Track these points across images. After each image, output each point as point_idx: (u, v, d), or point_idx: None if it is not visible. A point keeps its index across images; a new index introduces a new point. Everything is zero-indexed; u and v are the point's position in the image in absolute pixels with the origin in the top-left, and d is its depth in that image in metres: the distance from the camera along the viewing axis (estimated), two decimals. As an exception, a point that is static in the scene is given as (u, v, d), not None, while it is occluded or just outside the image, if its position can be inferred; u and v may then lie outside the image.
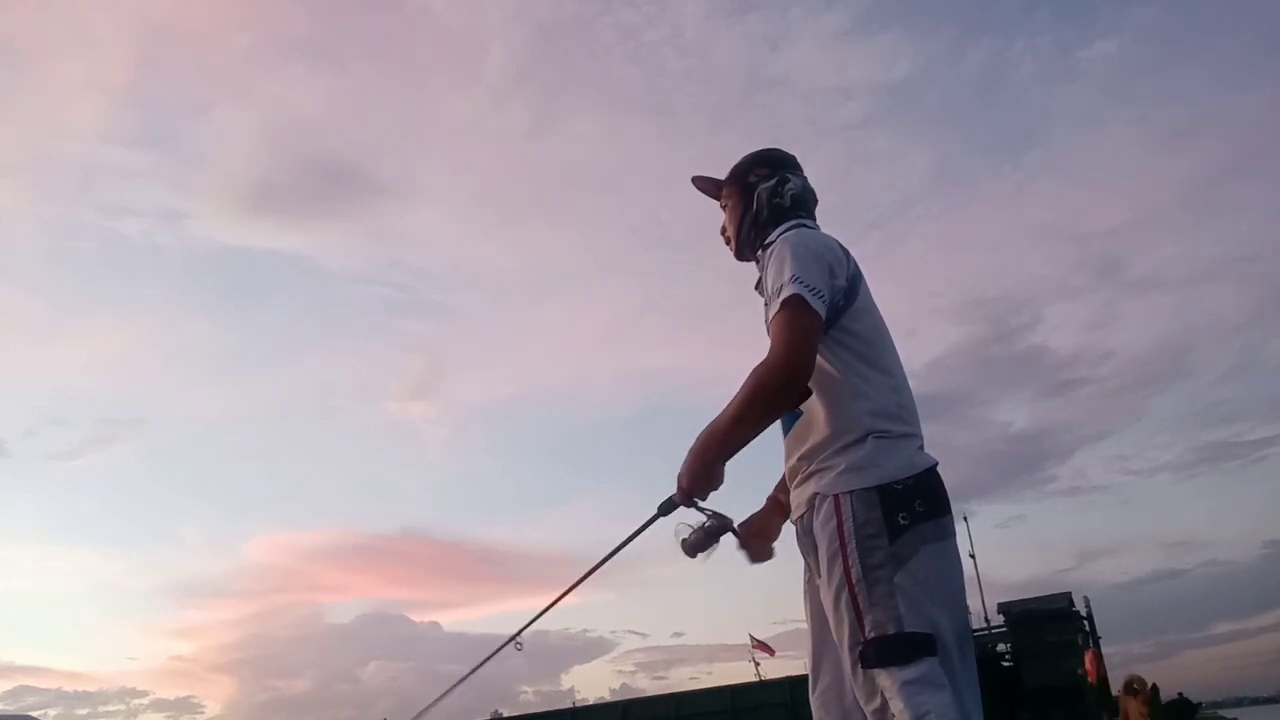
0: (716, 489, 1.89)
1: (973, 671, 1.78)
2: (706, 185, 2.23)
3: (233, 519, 71.61)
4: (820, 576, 1.83)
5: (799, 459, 1.92)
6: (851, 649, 1.73)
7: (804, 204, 2.13)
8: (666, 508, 1.96)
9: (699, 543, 1.97)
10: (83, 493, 67.12)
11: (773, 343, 1.80)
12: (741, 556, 2.08)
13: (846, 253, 1.98)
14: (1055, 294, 74.76)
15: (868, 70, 69.51)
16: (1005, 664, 17.74)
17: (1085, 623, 16.94)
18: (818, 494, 1.84)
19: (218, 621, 64.06)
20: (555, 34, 65.57)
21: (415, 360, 71.56)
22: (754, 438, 1.85)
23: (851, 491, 1.77)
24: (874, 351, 1.91)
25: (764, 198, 2.09)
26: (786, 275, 1.82)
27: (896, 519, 1.72)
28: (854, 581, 1.72)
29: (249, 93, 66.78)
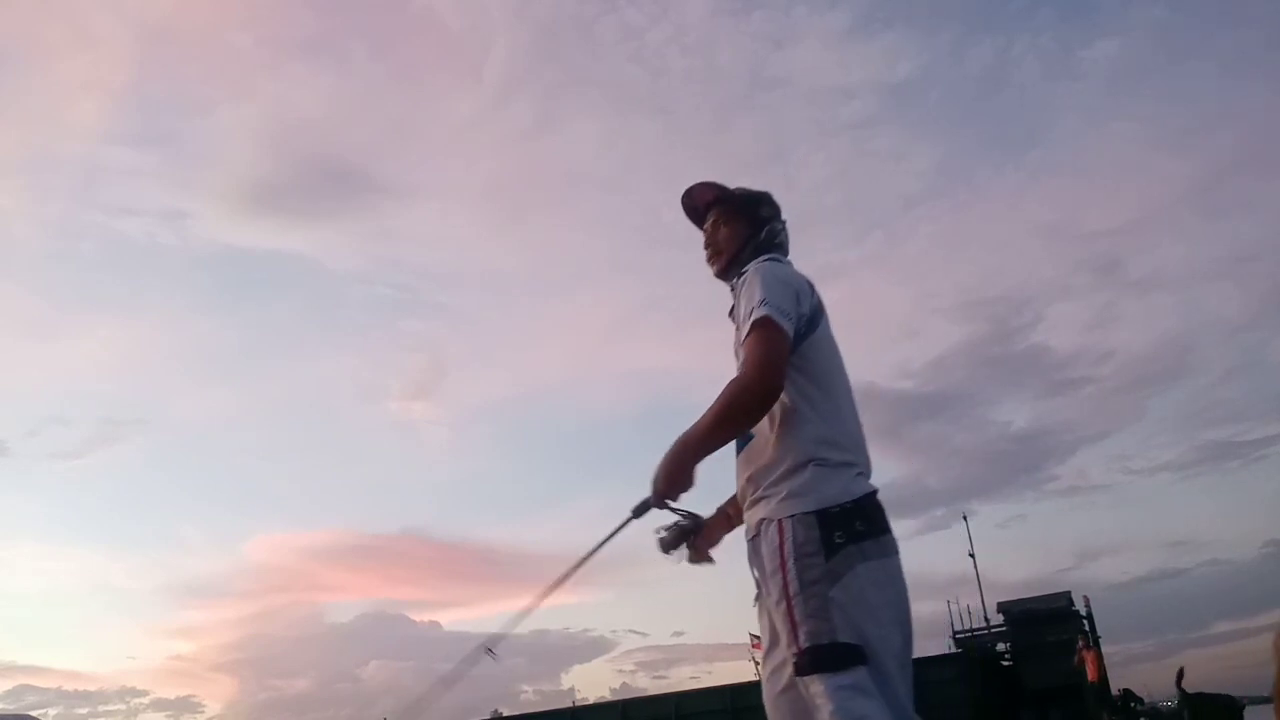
0: (688, 490, 2.02)
1: (909, 685, 1.87)
2: (704, 194, 2.34)
3: (233, 519, 71.71)
4: (766, 592, 1.96)
5: (747, 481, 2.06)
6: (790, 657, 1.86)
7: (786, 247, 2.31)
8: (640, 510, 2.08)
9: (674, 541, 2.13)
10: (84, 493, 67.21)
11: (745, 360, 1.93)
12: (690, 557, 2.19)
13: (811, 287, 2.13)
14: (1056, 294, 74.50)
15: (870, 70, 69.30)
16: (1005, 664, 17.75)
17: (1085, 622, 16.96)
18: (764, 519, 1.97)
19: (218, 621, 64.20)
20: (558, 33, 65.55)
21: (416, 360, 71.66)
22: (724, 445, 2.00)
23: (793, 516, 1.91)
24: (826, 381, 2.04)
25: (769, 233, 2.26)
26: (757, 299, 1.96)
27: (833, 538, 1.85)
28: (792, 595, 1.85)
29: (251, 92, 66.80)
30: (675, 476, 1.97)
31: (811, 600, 1.82)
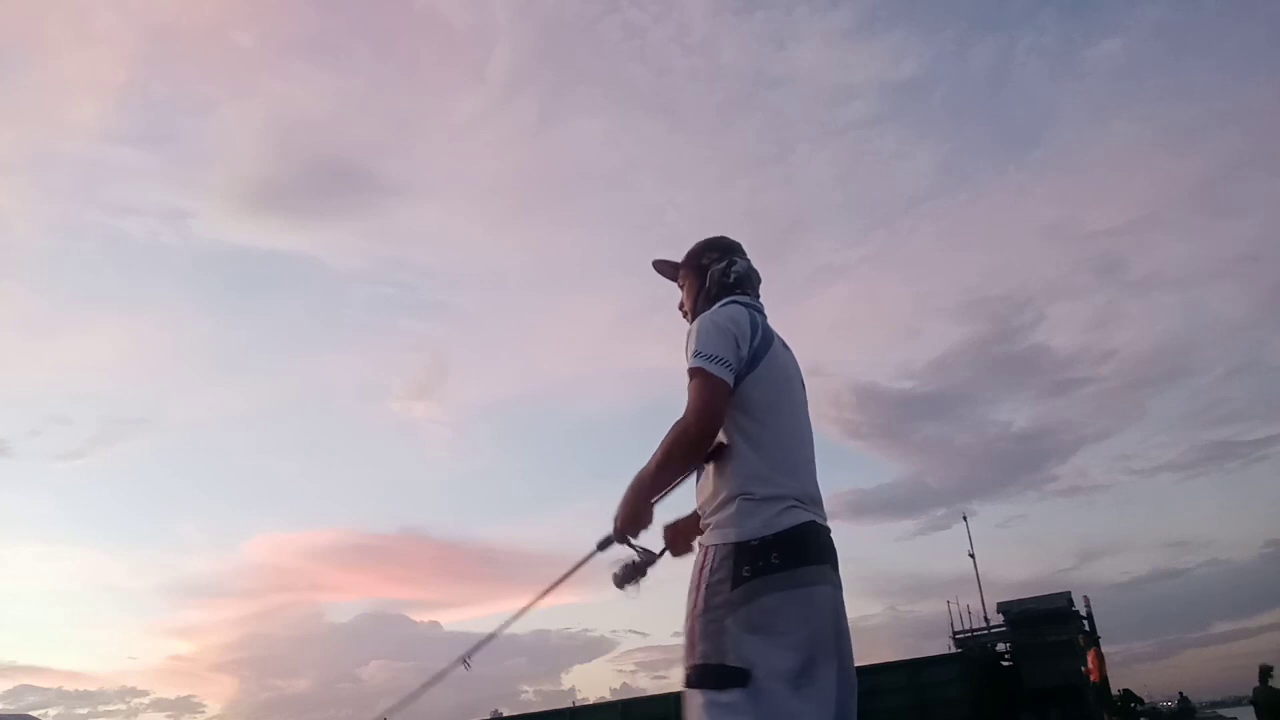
0: (647, 527, 2.21)
1: (827, 702, 2.00)
2: (666, 268, 2.57)
3: (234, 519, 71.89)
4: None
5: (699, 509, 2.24)
6: (684, 670, 2.05)
7: (746, 282, 2.43)
8: (604, 544, 2.24)
9: (627, 576, 2.26)
10: (85, 493, 67.35)
11: (687, 407, 2.12)
12: (668, 560, 2.32)
13: (755, 326, 2.26)
14: (1058, 293, 74.68)
15: (873, 69, 69.54)
16: (1005, 664, 17.75)
17: (1085, 622, 16.95)
18: (700, 543, 2.17)
19: (218, 621, 64.34)
20: (561, 33, 65.62)
21: (418, 359, 71.69)
22: (675, 483, 2.20)
23: (716, 545, 2.09)
24: (764, 415, 2.18)
25: (715, 276, 2.41)
26: (691, 350, 2.16)
27: (741, 571, 2.02)
28: (696, 615, 2.04)
29: (253, 91, 66.89)
30: (632, 516, 2.18)
31: (711, 624, 2.01)
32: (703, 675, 1.99)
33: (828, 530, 2.19)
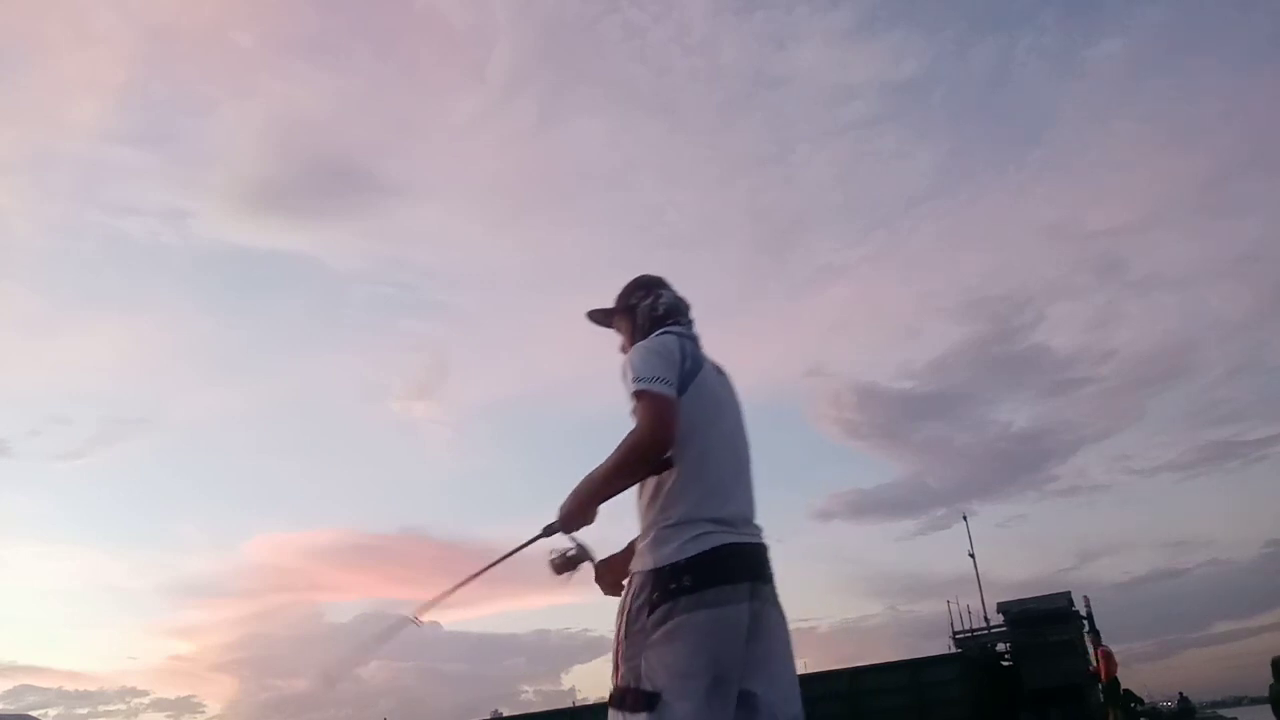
0: (589, 524, 2.32)
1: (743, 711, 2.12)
2: (599, 316, 2.71)
3: (234, 518, 71.95)
4: None
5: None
6: (610, 689, 2.21)
7: (676, 311, 2.57)
8: (547, 531, 2.33)
9: (563, 566, 2.37)
10: (85, 492, 67.45)
11: (638, 422, 2.21)
12: (598, 588, 2.41)
13: (685, 353, 2.35)
14: (1058, 293, 74.75)
15: (874, 69, 69.68)
16: (1005, 664, 17.76)
17: (1085, 622, 16.95)
18: (629, 570, 2.29)
19: (218, 621, 64.48)
20: (561, 33, 65.66)
21: (418, 359, 71.71)
22: (623, 490, 2.27)
23: (637, 573, 2.22)
24: (689, 440, 2.24)
25: (645, 312, 2.56)
26: (630, 377, 2.27)
27: (653, 596, 2.14)
28: (620, 640, 2.20)
29: (253, 91, 67.02)
30: (577, 511, 2.29)
31: (631, 648, 2.15)
32: (621, 697, 2.15)
33: (755, 548, 2.27)
